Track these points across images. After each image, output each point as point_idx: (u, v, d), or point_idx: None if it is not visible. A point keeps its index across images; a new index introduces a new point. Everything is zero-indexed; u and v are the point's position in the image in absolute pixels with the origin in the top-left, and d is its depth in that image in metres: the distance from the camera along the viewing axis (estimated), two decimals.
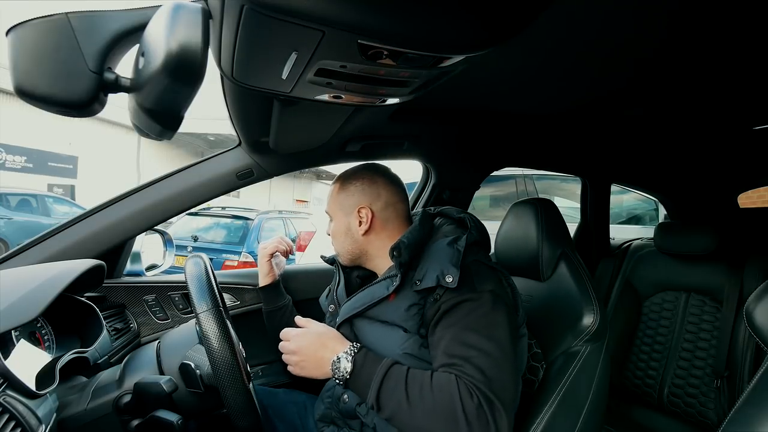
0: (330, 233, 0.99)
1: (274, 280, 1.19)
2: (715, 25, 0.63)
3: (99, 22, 0.47)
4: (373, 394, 0.73)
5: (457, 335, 0.74)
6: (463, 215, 0.94)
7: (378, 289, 0.85)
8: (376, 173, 0.96)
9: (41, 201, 7.54)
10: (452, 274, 0.76)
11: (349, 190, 0.95)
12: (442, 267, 0.78)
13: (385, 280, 0.85)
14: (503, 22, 0.48)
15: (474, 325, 0.74)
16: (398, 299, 0.82)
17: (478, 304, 0.76)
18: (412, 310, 0.80)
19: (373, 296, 0.85)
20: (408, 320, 0.80)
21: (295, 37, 0.46)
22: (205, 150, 16.47)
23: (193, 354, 0.79)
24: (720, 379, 1.51)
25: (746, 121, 1.15)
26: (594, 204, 2.00)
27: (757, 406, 0.48)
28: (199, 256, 0.84)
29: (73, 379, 0.85)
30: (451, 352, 0.73)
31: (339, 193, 0.96)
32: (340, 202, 0.95)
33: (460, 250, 0.80)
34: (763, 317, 0.54)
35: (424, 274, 0.80)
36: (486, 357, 0.71)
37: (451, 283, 0.75)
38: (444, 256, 0.80)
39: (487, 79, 0.87)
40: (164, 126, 0.51)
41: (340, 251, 0.98)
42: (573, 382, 0.89)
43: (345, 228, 0.95)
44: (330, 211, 0.98)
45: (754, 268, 1.54)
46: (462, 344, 0.73)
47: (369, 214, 0.92)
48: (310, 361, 0.80)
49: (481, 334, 0.73)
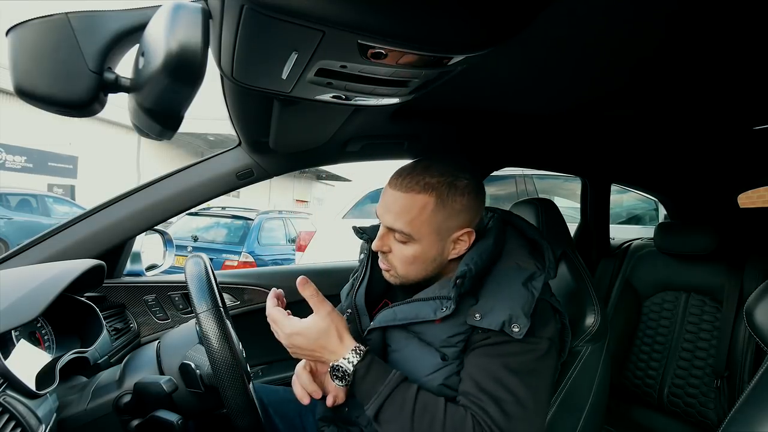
0: (402, 258, 0.75)
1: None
2: (715, 25, 0.63)
3: (99, 22, 0.47)
4: (373, 408, 0.67)
5: (494, 370, 0.66)
6: (539, 239, 0.80)
7: (424, 309, 0.73)
8: (471, 178, 0.75)
9: (41, 201, 7.54)
10: (521, 325, 0.65)
11: (455, 206, 0.73)
12: (512, 312, 0.66)
13: (434, 300, 0.73)
14: (503, 22, 0.48)
15: (516, 367, 0.66)
16: (444, 324, 0.72)
17: (529, 348, 0.68)
18: (456, 338, 0.71)
19: (417, 315, 0.74)
20: (448, 347, 0.72)
21: (295, 37, 0.46)
22: (205, 150, 16.46)
23: (193, 354, 0.79)
24: (720, 379, 1.51)
25: (746, 121, 1.15)
26: (594, 204, 1.99)
27: (757, 406, 0.48)
28: (199, 256, 0.84)
29: (73, 379, 0.85)
30: (481, 385, 0.66)
31: (436, 211, 0.72)
32: (439, 223, 0.72)
33: (535, 295, 0.69)
34: (763, 317, 0.54)
35: (488, 311, 0.68)
36: (517, 406, 0.64)
37: (517, 334, 0.65)
38: (516, 298, 0.68)
39: (487, 79, 0.87)
40: (164, 126, 0.51)
41: (412, 277, 0.77)
42: (573, 382, 0.89)
43: (436, 254, 0.75)
44: (415, 233, 0.72)
45: (754, 268, 1.54)
46: (497, 382, 0.66)
47: (472, 236, 0.75)
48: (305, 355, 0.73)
49: (521, 380, 0.66)
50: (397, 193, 0.73)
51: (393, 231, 0.75)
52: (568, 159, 1.73)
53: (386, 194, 0.76)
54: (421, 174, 0.73)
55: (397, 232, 0.74)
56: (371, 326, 0.79)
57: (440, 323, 0.73)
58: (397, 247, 0.76)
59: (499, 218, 0.82)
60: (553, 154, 1.64)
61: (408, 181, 0.73)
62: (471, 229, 0.75)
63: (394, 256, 0.77)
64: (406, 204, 0.72)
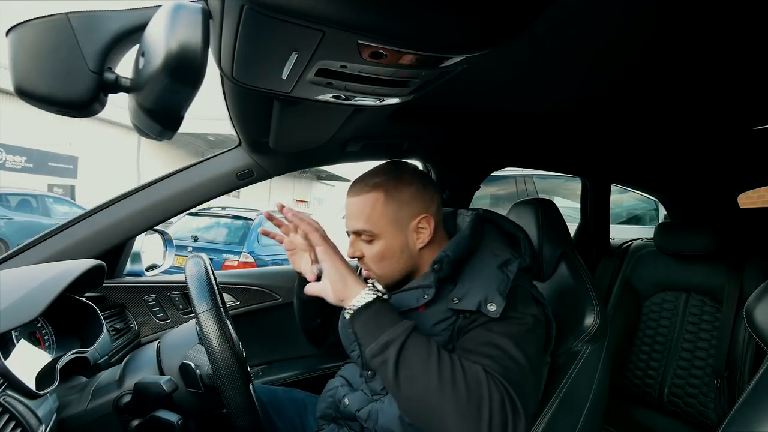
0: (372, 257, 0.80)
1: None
2: (716, 25, 0.63)
3: (99, 22, 0.47)
4: (394, 349, 0.64)
5: (487, 337, 0.69)
6: (516, 232, 0.85)
7: (407, 298, 0.77)
8: (415, 171, 0.83)
9: (41, 201, 7.54)
10: (497, 303, 0.69)
11: (401, 198, 0.79)
12: (487, 292, 0.71)
13: (416, 290, 0.77)
14: (503, 22, 0.48)
15: (507, 333, 0.69)
16: (428, 312, 0.76)
17: (514, 321, 0.70)
18: (440, 325, 0.74)
19: (401, 305, 0.77)
20: (434, 335, 0.74)
21: (295, 37, 0.46)
22: (205, 150, 16.47)
23: (193, 354, 0.79)
24: (720, 379, 1.51)
25: (746, 121, 1.15)
26: (594, 204, 2.00)
27: (757, 406, 0.48)
28: (199, 256, 0.84)
29: (73, 379, 0.85)
30: (477, 349, 0.68)
31: (387, 203, 0.78)
32: (392, 215, 0.78)
33: (510, 277, 0.73)
34: (763, 317, 0.54)
35: (464, 294, 0.73)
36: (513, 362, 0.66)
37: (493, 313, 0.69)
38: (491, 280, 0.72)
39: (487, 79, 0.87)
40: (164, 126, 0.51)
41: (389, 274, 0.81)
42: (573, 382, 0.89)
43: (401, 246, 0.79)
44: (374, 228, 0.78)
45: (754, 268, 1.54)
46: (491, 345, 0.68)
47: (431, 222, 0.80)
48: (334, 256, 0.73)
49: (512, 342, 0.68)
50: (352, 199, 0.81)
51: (358, 234, 0.81)
52: (568, 159, 1.73)
53: (346, 204, 0.83)
54: (368, 177, 0.81)
55: (362, 234, 0.80)
56: None
57: (424, 311, 0.76)
58: (366, 249, 0.81)
59: (476, 216, 0.86)
60: (553, 154, 1.65)
61: (359, 186, 0.81)
62: (428, 215, 0.80)
63: (367, 260, 0.81)
64: (360, 205, 0.79)
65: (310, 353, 1.44)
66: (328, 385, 0.96)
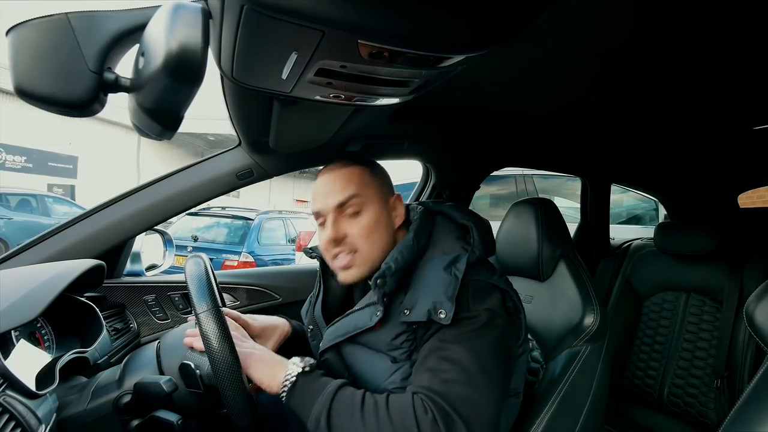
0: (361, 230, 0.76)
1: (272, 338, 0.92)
2: (715, 25, 0.63)
3: (99, 22, 0.47)
4: (324, 420, 0.65)
5: (438, 348, 0.67)
6: (466, 222, 0.80)
7: (361, 318, 0.75)
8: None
9: (41, 201, 7.54)
10: (446, 309, 0.66)
11: (381, 175, 0.81)
12: (435, 299, 0.68)
13: (368, 307, 0.74)
14: (503, 22, 0.48)
15: (458, 338, 0.66)
16: (384, 328, 0.73)
17: (468, 322, 0.68)
18: (400, 338, 0.72)
19: (356, 326, 0.75)
20: (395, 349, 0.72)
21: (295, 37, 0.46)
22: (205, 150, 16.47)
23: (193, 354, 0.79)
24: (720, 379, 1.51)
25: (746, 121, 1.15)
26: (594, 204, 1.99)
27: (757, 406, 0.48)
28: (199, 256, 0.84)
29: (73, 379, 0.84)
30: (422, 364, 0.67)
31: (373, 176, 0.79)
32: (377, 186, 0.79)
33: (458, 277, 0.69)
34: (763, 317, 0.54)
35: (414, 304, 0.70)
36: (459, 372, 0.64)
37: (443, 320, 0.66)
38: (438, 285, 0.69)
39: (487, 79, 0.87)
40: (164, 126, 0.51)
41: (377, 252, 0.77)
42: (573, 382, 0.89)
43: (386, 219, 0.78)
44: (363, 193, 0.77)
45: (754, 268, 1.54)
46: (439, 358, 0.66)
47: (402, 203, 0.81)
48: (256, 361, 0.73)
49: (462, 347, 0.66)
50: (333, 174, 0.79)
51: (342, 208, 0.76)
52: (568, 159, 1.73)
53: (318, 185, 0.80)
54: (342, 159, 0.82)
55: (348, 205, 0.76)
56: (321, 347, 0.81)
57: (380, 328, 0.73)
58: (352, 224, 0.76)
59: (423, 211, 0.83)
60: (553, 154, 1.64)
61: (337, 165, 0.81)
62: (400, 195, 0.83)
63: (354, 237, 0.76)
64: (345, 175, 0.78)
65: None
66: None
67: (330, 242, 0.77)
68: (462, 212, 0.83)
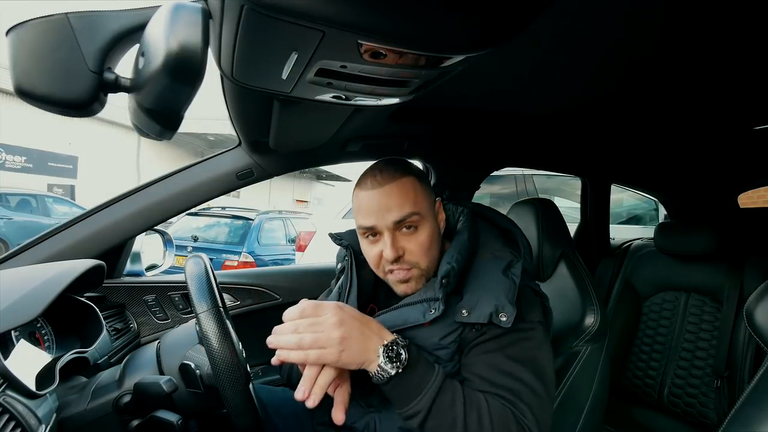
0: (420, 246, 0.74)
1: None
2: (715, 25, 0.63)
3: (99, 22, 0.47)
4: (426, 402, 0.62)
5: (500, 364, 0.66)
6: (511, 227, 0.81)
7: (413, 314, 0.72)
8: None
9: (41, 201, 7.54)
10: (508, 313, 0.66)
11: (427, 181, 0.77)
12: (497, 302, 0.67)
13: (420, 304, 0.72)
14: (503, 22, 0.48)
15: (519, 356, 0.67)
16: (434, 327, 0.72)
17: (526, 336, 0.69)
18: (447, 339, 0.71)
19: (406, 321, 0.72)
20: (441, 349, 0.71)
21: (295, 37, 0.46)
22: (205, 150, 16.47)
23: (193, 354, 0.79)
24: (720, 379, 1.51)
25: (746, 121, 1.15)
26: (594, 204, 2.00)
27: (757, 406, 0.48)
28: (199, 256, 0.84)
29: (73, 379, 0.85)
30: (494, 380, 0.65)
31: (422, 186, 0.75)
32: (427, 197, 0.75)
33: (516, 282, 0.69)
34: (763, 317, 0.54)
35: (474, 305, 0.69)
36: (534, 396, 0.64)
37: (505, 323, 0.66)
38: (499, 288, 0.69)
39: (487, 78, 0.87)
40: (164, 126, 0.51)
41: (433, 264, 0.76)
42: (573, 382, 0.89)
43: (437, 230, 0.77)
44: (421, 210, 0.73)
45: (754, 268, 1.54)
46: (508, 375, 0.65)
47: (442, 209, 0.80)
48: (354, 345, 0.62)
49: (528, 369, 0.66)
50: (385, 188, 0.73)
51: (400, 226, 0.73)
52: (568, 159, 1.73)
53: (371, 198, 0.73)
54: (389, 166, 0.75)
55: (406, 223, 0.73)
56: None
57: (429, 326, 0.72)
58: (410, 240, 0.74)
59: (469, 212, 0.83)
60: (553, 154, 1.65)
61: (387, 174, 0.74)
62: (439, 199, 0.80)
63: (411, 254, 0.74)
64: (401, 190, 0.73)
65: None
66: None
67: (388, 260, 0.74)
68: (501, 216, 0.85)
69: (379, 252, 0.75)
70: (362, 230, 0.77)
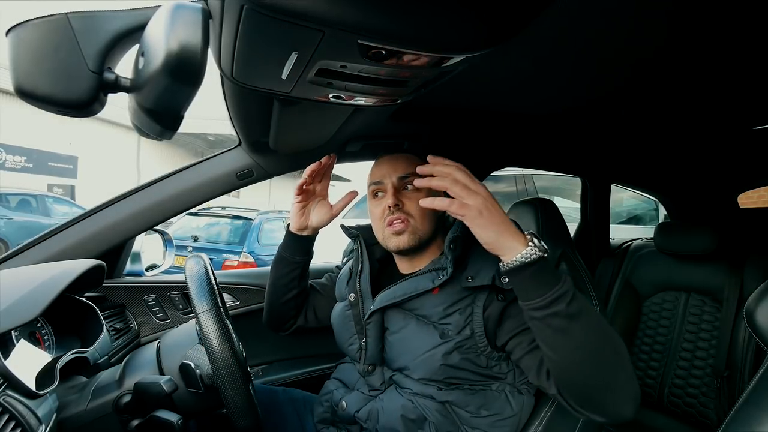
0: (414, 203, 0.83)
1: (300, 227, 1.02)
2: (715, 25, 0.63)
3: (99, 22, 0.47)
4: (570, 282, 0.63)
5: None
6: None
7: (422, 282, 0.81)
8: None
9: (41, 201, 7.54)
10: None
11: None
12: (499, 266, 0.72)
13: (429, 273, 0.81)
14: (503, 22, 0.48)
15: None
16: (441, 295, 0.79)
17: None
18: (451, 309, 0.77)
19: (416, 288, 0.81)
20: (446, 318, 0.77)
21: (295, 37, 0.46)
22: (205, 150, 16.47)
23: (193, 354, 0.79)
24: (720, 379, 1.51)
25: (746, 121, 1.15)
26: (594, 204, 1.99)
27: (757, 406, 0.48)
28: (199, 256, 0.84)
29: (73, 379, 0.84)
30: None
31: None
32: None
33: None
34: (763, 317, 0.54)
35: (477, 272, 0.77)
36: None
37: (508, 284, 0.73)
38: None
39: (487, 78, 0.87)
40: (164, 126, 0.51)
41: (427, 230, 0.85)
42: None
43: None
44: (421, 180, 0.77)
45: (754, 268, 1.54)
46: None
47: None
48: (496, 211, 0.65)
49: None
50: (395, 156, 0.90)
51: (403, 183, 0.86)
52: (568, 159, 1.73)
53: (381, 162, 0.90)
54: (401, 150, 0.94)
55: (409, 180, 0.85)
56: (372, 308, 0.84)
57: (437, 294, 0.80)
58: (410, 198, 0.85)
59: None
60: (553, 154, 1.65)
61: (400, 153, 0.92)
62: None
63: (409, 207, 0.84)
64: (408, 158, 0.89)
65: (309, 353, 1.44)
66: (323, 389, 0.96)
67: (388, 207, 0.84)
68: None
69: (383, 208, 0.85)
70: (371, 188, 0.90)
